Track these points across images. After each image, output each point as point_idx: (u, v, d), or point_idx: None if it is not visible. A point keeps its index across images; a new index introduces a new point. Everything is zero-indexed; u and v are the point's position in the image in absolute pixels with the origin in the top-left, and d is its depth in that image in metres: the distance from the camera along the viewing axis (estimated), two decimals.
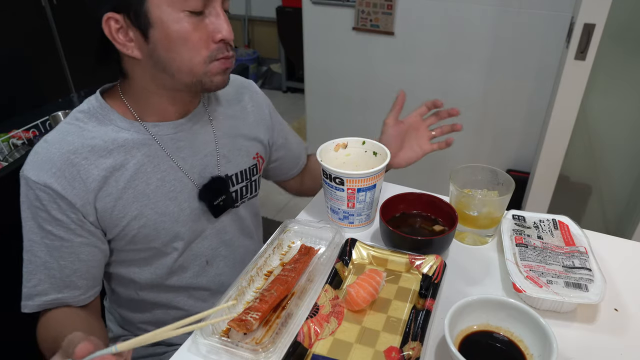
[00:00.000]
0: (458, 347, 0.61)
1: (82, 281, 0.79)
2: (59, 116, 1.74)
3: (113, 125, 0.80)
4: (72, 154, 0.75)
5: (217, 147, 0.89)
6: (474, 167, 0.89)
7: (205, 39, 0.74)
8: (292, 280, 0.74)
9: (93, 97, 0.82)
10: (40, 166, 0.74)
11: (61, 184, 0.74)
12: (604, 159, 2.09)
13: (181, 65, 0.75)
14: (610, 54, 1.75)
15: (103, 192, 0.77)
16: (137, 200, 0.80)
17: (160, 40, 0.73)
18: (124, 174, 0.78)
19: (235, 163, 0.92)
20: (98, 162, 0.77)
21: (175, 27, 0.72)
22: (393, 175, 0.99)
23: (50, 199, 0.74)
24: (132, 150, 0.79)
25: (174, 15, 0.71)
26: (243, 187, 0.94)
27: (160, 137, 0.82)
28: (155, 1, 0.70)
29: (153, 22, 0.71)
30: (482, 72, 2.09)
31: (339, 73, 2.38)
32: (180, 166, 0.84)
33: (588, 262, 0.75)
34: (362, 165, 0.93)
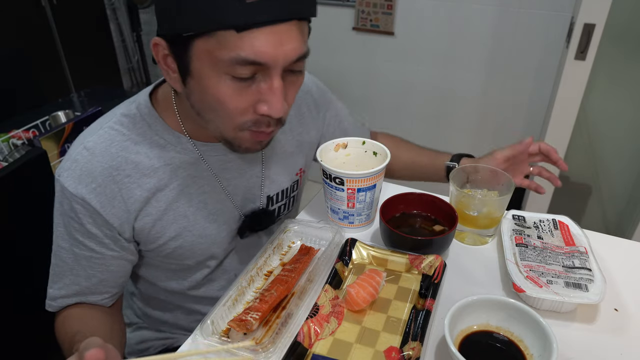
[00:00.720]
0: (458, 347, 0.61)
1: (108, 288, 0.78)
2: (59, 116, 1.75)
3: (159, 137, 0.74)
4: (114, 170, 0.71)
5: (263, 168, 0.86)
6: (474, 167, 0.89)
7: (246, 107, 0.65)
8: (292, 280, 0.74)
9: (142, 100, 0.75)
10: (80, 178, 0.70)
11: (100, 202, 0.70)
12: (604, 158, 2.09)
13: (213, 120, 0.68)
14: (610, 54, 1.75)
15: (143, 212, 0.74)
16: (176, 221, 0.77)
17: (195, 92, 0.66)
18: (167, 195, 0.75)
19: (278, 183, 0.89)
20: (141, 181, 0.73)
21: (214, 89, 0.63)
22: None
23: (86, 213, 0.71)
24: (177, 170, 0.75)
25: (215, 76, 0.62)
26: (282, 205, 0.92)
27: (208, 158, 0.78)
28: (198, 53, 0.61)
29: (192, 73, 0.64)
30: (482, 72, 2.09)
31: (339, 73, 2.38)
32: (223, 187, 0.80)
33: (588, 262, 0.75)
34: (362, 165, 0.93)
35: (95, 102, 1.95)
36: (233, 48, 0.59)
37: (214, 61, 0.61)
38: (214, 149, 0.78)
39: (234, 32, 0.58)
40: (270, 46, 0.60)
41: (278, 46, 0.60)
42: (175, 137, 0.75)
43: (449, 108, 2.24)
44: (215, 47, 0.60)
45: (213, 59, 0.61)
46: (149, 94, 0.77)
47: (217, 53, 0.60)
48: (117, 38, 2.97)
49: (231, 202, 0.83)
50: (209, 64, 0.61)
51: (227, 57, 0.60)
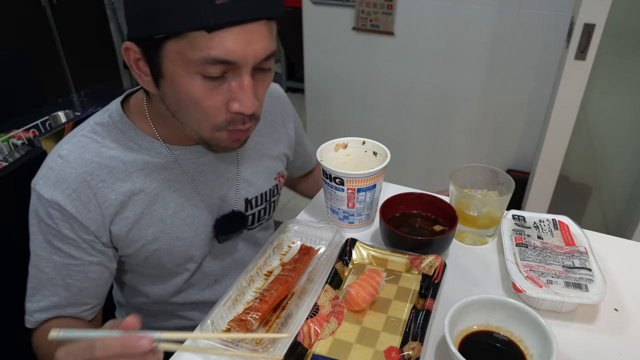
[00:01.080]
0: (458, 347, 0.61)
1: (88, 299, 0.77)
2: (59, 116, 1.75)
3: (133, 143, 0.75)
4: (88, 175, 0.71)
5: (238, 170, 0.86)
6: (474, 167, 0.89)
7: (218, 107, 0.66)
8: (292, 280, 0.74)
9: (114, 108, 0.77)
10: (55, 184, 0.71)
11: (76, 207, 0.71)
12: (604, 159, 2.09)
13: (188, 122, 0.69)
14: (610, 54, 1.76)
15: (119, 216, 0.74)
16: (153, 224, 0.77)
17: (169, 94, 0.67)
18: (142, 199, 0.76)
19: (256, 186, 0.89)
20: (115, 186, 0.73)
21: (185, 89, 0.64)
22: (393, 175, 0.99)
23: (63, 218, 0.71)
24: (152, 173, 0.76)
25: (186, 76, 0.63)
26: (261, 210, 0.92)
27: (183, 161, 0.79)
28: (169, 55, 0.62)
29: (164, 74, 0.65)
30: (482, 72, 2.09)
31: (339, 73, 2.38)
32: (198, 191, 0.81)
33: (588, 262, 0.75)
34: (362, 165, 0.93)
35: (95, 102, 1.95)
36: (204, 48, 0.60)
37: (185, 62, 0.62)
38: (188, 152, 0.79)
39: (204, 33, 0.59)
40: (240, 45, 0.61)
41: (248, 45, 0.62)
42: (149, 142, 0.76)
43: (449, 108, 2.24)
44: (186, 47, 0.61)
45: (184, 60, 0.62)
46: (120, 102, 0.78)
47: (189, 53, 0.61)
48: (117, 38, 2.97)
49: (205, 205, 0.82)
50: (181, 64, 0.62)
51: (198, 57, 0.61)
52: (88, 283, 0.76)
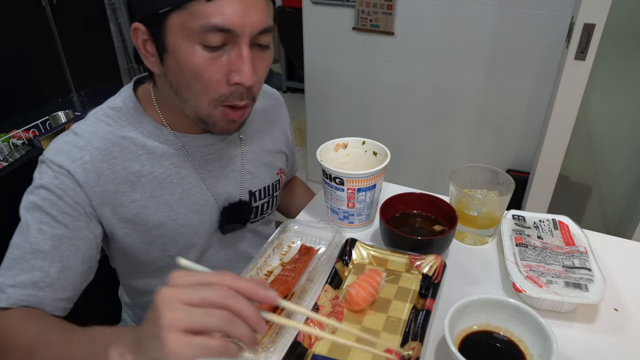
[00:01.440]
0: (458, 347, 0.61)
1: (67, 284, 0.70)
2: (59, 116, 1.75)
3: (143, 128, 0.77)
4: (102, 151, 0.73)
5: (243, 162, 0.88)
6: (474, 167, 0.89)
7: (219, 78, 0.68)
8: (292, 280, 0.74)
9: (128, 95, 0.79)
10: (68, 154, 0.71)
11: (86, 177, 0.71)
12: (604, 159, 2.09)
13: (189, 97, 0.70)
14: (610, 54, 1.75)
15: (128, 197, 0.75)
16: (159, 209, 0.78)
17: (171, 68, 0.69)
18: (151, 182, 0.77)
19: (260, 179, 0.91)
20: (127, 164, 0.74)
21: (187, 59, 0.66)
22: (393, 175, 0.99)
23: (69, 186, 0.70)
24: (160, 159, 0.78)
25: (188, 46, 0.65)
26: (265, 203, 0.93)
27: (189, 149, 0.80)
28: (172, 28, 0.65)
29: (167, 48, 0.67)
30: (482, 72, 2.09)
31: (339, 73, 2.38)
32: (204, 179, 0.82)
33: (588, 262, 0.75)
34: (362, 165, 0.93)
35: (95, 102, 1.94)
36: (203, 16, 0.63)
37: (187, 32, 0.64)
38: (195, 140, 0.81)
39: (204, 2, 0.62)
40: (238, 14, 0.64)
41: (245, 15, 0.64)
42: (158, 129, 0.78)
43: (449, 108, 2.24)
44: (187, 18, 0.64)
45: (186, 30, 0.64)
46: (132, 89, 0.80)
47: (190, 24, 0.64)
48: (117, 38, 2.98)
49: (211, 194, 0.84)
50: (183, 36, 0.65)
51: (198, 25, 0.63)
52: (74, 262, 0.71)
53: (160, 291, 0.46)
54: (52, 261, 0.69)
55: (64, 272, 0.70)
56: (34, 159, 0.96)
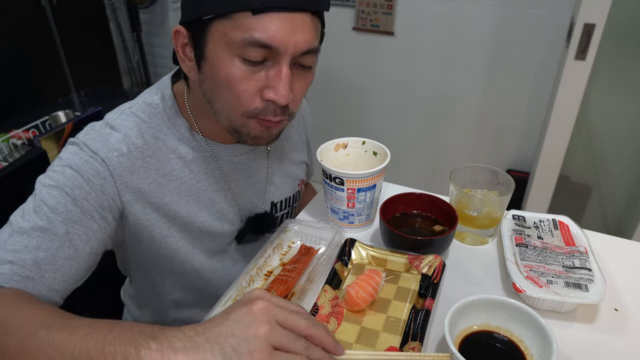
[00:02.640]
0: (458, 347, 0.61)
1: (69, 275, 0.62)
2: (59, 116, 1.75)
3: (176, 130, 0.76)
4: (138, 148, 0.71)
5: (268, 173, 0.88)
6: (474, 167, 0.89)
7: (253, 92, 0.66)
8: (292, 280, 0.74)
9: (166, 92, 0.76)
10: (106, 142, 0.69)
11: (119, 170, 0.68)
12: (604, 159, 2.09)
13: (222, 108, 0.69)
14: (610, 54, 1.76)
15: (159, 198, 0.74)
16: (184, 214, 0.77)
17: (208, 77, 0.67)
18: (179, 187, 0.76)
19: (282, 190, 0.91)
20: (159, 165, 0.74)
21: (224, 70, 0.65)
22: (393, 175, 0.99)
23: (101, 174, 0.66)
24: (190, 164, 0.77)
25: (227, 57, 0.64)
26: (284, 214, 0.94)
27: (219, 157, 0.80)
28: (214, 36, 0.64)
29: (206, 56, 0.66)
30: (482, 72, 2.09)
31: (338, 73, 2.38)
32: (231, 188, 0.82)
33: (588, 262, 0.75)
34: (362, 165, 0.93)
35: (95, 102, 1.95)
36: (247, 29, 0.61)
37: (227, 42, 0.63)
38: (226, 149, 0.80)
39: (249, 14, 0.61)
40: (283, 32, 0.62)
41: (290, 34, 0.62)
42: (190, 134, 0.77)
43: (449, 108, 2.24)
44: (230, 28, 0.62)
45: (227, 40, 0.63)
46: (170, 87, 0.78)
47: (232, 34, 0.62)
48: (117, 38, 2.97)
49: (235, 203, 0.84)
50: (223, 45, 0.63)
51: (240, 38, 0.62)
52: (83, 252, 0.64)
53: (257, 300, 0.48)
54: (61, 246, 0.62)
55: (69, 260, 0.62)
56: (34, 159, 0.96)
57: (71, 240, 0.63)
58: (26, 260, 0.58)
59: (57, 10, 2.54)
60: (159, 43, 2.96)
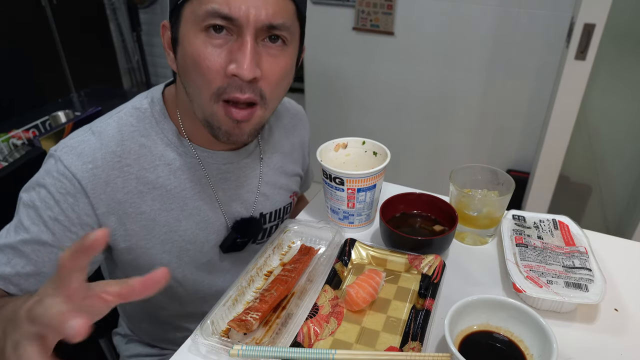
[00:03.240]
0: (458, 347, 0.61)
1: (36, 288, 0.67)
2: (59, 116, 1.75)
3: (164, 135, 0.75)
4: (116, 157, 0.70)
5: (259, 184, 0.86)
6: (474, 167, 0.89)
7: (217, 69, 0.64)
8: (292, 280, 0.74)
9: (155, 96, 0.76)
10: (80, 156, 0.68)
11: (92, 183, 0.68)
12: (604, 159, 2.09)
13: (194, 92, 0.68)
14: (610, 54, 1.76)
15: (136, 208, 0.72)
16: (167, 223, 0.76)
17: (180, 60, 0.67)
18: (162, 195, 0.74)
19: (272, 201, 0.90)
20: (140, 174, 0.72)
21: (190, 47, 0.65)
22: (393, 175, 0.99)
23: (72, 192, 0.67)
24: (177, 171, 0.75)
25: (193, 34, 0.64)
26: (273, 226, 0.92)
27: (207, 165, 0.78)
28: (185, 17, 0.65)
29: (179, 40, 0.67)
30: (482, 72, 2.09)
31: (339, 73, 2.38)
32: (217, 197, 0.81)
33: (588, 262, 0.75)
34: (362, 165, 0.93)
35: (95, 102, 1.95)
36: (209, 2, 0.62)
37: (193, 20, 0.64)
38: (214, 156, 0.79)
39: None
40: (244, 3, 0.62)
41: (251, 5, 0.62)
42: (179, 140, 0.76)
43: (449, 108, 2.24)
44: (196, 5, 0.63)
45: (194, 18, 0.64)
46: (162, 91, 0.78)
47: (197, 10, 0.63)
48: (117, 38, 2.97)
49: (222, 213, 0.82)
50: (191, 24, 0.65)
51: (203, 11, 0.62)
52: (50, 269, 0.68)
53: None
54: (27, 263, 0.67)
55: (35, 276, 0.68)
56: (34, 159, 0.96)
57: (37, 260, 0.67)
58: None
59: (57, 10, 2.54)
60: (159, 43, 2.96)
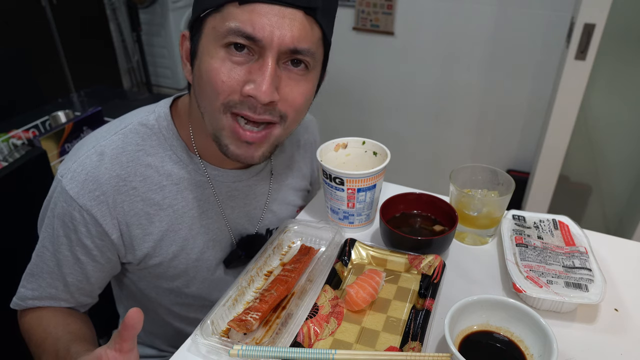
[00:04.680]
0: (458, 347, 0.61)
1: (83, 298, 0.77)
2: (59, 116, 1.75)
3: (173, 152, 0.73)
4: (121, 180, 0.70)
5: (267, 201, 0.86)
6: (474, 167, 0.89)
7: (232, 85, 0.62)
8: (292, 280, 0.74)
9: (162, 111, 0.74)
10: (84, 183, 0.68)
11: (100, 211, 0.69)
12: (604, 159, 2.09)
13: (205, 105, 0.66)
14: (610, 54, 1.76)
15: (144, 230, 0.73)
16: (175, 243, 0.76)
17: (196, 72, 0.66)
18: (170, 216, 0.74)
19: (279, 216, 0.90)
20: (146, 196, 0.71)
21: (208, 62, 0.63)
22: (393, 175, 0.99)
23: (83, 222, 0.69)
24: (184, 191, 0.74)
25: (212, 49, 0.63)
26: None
27: (217, 183, 0.77)
28: (206, 31, 0.64)
29: (197, 53, 0.65)
30: (482, 72, 2.09)
31: (339, 73, 2.38)
32: (225, 215, 0.80)
33: (588, 262, 0.75)
34: (362, 165, 0.93)
35: (95, 102, 1.95)
36: (232, 19, 0.61)
37: (215, 35, 0.63)
38: (224, 175, 0.78)
39: (236, 4, 0.60)
40: (269, 25, 0.60)
41: (276, 27, 0.60)
42: (188, 157, 0.75)
43: (449, 108, 2.24)
44: (219, 21, 0.62)
45: (215, 33, 0.63)
46: (169, 106, 0.76)
47: (219, 26, 0.62)
48: (117, 38, 2.98)
49: (228, 231, 0.82)
50: (212, 39, 0.63)
51: (226, 27, 0.61)
52: (86, 285, 0.75)
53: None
54: (65, 284, 0.74)
55: (77, 291, 0.75)
56: (34, 159, 0.96)
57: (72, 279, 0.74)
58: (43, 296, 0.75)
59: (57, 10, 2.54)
60: (159, 43, 2.96)
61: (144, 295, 0.87)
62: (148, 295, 0.85)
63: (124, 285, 0.90)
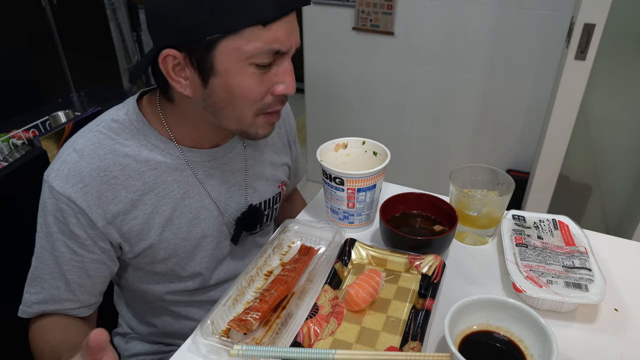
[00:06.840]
0: (458, 347, 0.61)
1: (85, 296, 0.78)
2: (59, 116, 1.74)
3: (147, 141, 0.76)
4: (102, 171, 0.72)
5: (246, 176, 0.88)
6: (474, 167, 0.89)
7: (264, 92, 0.70)
8: (292, 280, 0.74)
9: (131, 107, 0.78)
10: (67, 177, 0.71)
11: (86, 201, 0.71)
12: (604, 159, 2.09)
13: (232, 114, 0.71)
14: (610, 54, 1.75)
15: (129, 215, 0.75)
16: (161, 224, 0.78)
17: (218, 89, 0.69)
18: (152, 199, 0.76)
19: (261, 192, 0.90)
20: (127, 183, 0.74)
21: (238, 80, 0.67)
22: (393, 175, 0.99)
23: (72, 213, 0.71)
24: (163, 174, 0.77)
25: (241, 68, 0.66)
26: (265, 216, 0.93)
27: (194, 163, 0.80)
28: (223, 51, 0.65)
29: (217, 71, 0.67)
30: (482, 72, 2.09)
31: (339, 73, 2.38)
32: (209, 192, 0.82)
33: (588, 262, 0.75)
34: (362, 165, 0.93)
35: (95, 102, 1.95)
36: (260, 40, 0.64)
37: (240, 55, 0.65)
38: (200, 155, 0.80)
39: (261, 27, 0.64)
40: (288, 35, 0.67)
41: (292, 34, 0.68)
42: (162, 142, 0.77)
43: (449, 108, 2.24)
44: (243, 42, 0.64)
45: (239, 53, 0.65)
46: (136, 100, 0.79)
47: (245, 47, 0.65)
48: (117, 38, 2.98)
49: (216, 205, 0.83)
50: (235, 58, 0.66)
51: (254, 49, 0.65)
52: (87, 280, 0.76)
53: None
54: (66, 282, 0.75)
55: (78, 289, 0.76)
56: (34, 159, 0.96)
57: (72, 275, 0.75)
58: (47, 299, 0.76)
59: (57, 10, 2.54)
60: None
61: (142, 293, 0.87)
62: (146, 291, 0.86)
63: (122, 287, 0.91)
